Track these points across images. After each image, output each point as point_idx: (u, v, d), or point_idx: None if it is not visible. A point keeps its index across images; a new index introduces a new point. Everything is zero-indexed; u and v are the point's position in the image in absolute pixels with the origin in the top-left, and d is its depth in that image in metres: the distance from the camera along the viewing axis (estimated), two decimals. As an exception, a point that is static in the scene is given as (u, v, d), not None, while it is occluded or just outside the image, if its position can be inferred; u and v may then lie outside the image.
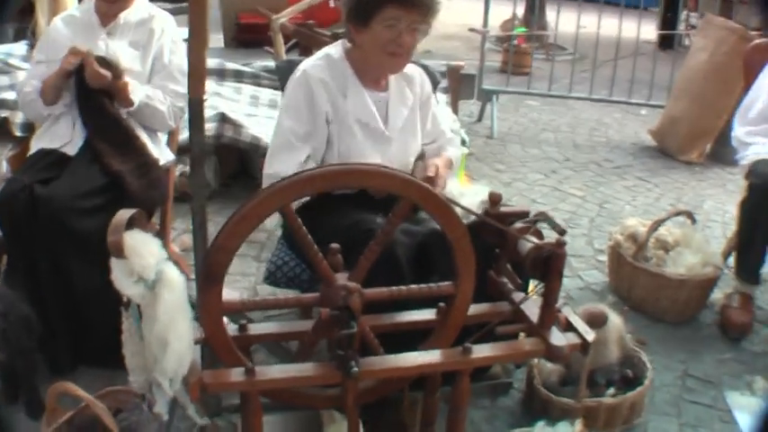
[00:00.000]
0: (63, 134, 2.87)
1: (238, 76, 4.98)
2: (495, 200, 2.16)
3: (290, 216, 1.69)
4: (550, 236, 2.01)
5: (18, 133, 3.75)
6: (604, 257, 3.81)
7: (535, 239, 2.03)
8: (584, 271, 3.86)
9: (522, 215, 2.16)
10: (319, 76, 2.50)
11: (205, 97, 4.31)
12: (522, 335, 2.09)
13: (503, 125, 6.43)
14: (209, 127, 4.29)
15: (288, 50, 4.92)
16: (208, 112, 4.25)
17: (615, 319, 2.71)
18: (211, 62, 5.03)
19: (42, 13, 4.04)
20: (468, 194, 2.60)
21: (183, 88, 2.97)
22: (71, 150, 2.82)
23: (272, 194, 1.65)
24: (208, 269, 1.69)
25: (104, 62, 2.76)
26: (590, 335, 2.01)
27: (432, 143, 2.76)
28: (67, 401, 2.27)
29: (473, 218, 2.07)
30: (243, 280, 3.53)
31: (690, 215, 3.54)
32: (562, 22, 6.85)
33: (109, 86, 2.79)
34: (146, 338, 1.76)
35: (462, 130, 4.78)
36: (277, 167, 2.43)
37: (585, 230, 4.37)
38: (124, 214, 1.69)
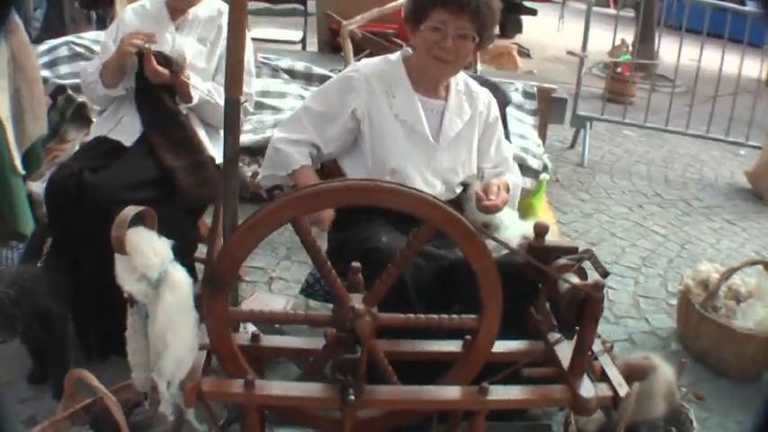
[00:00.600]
0: (123, 124, 2.87)
1: (323, 81, 4.96)
2: (540, 232, 2.04)
3: (303, 229, 1.61)
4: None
5: (95, 118, 3.80)
6: (676, 302, 3.60)
7: (576, 279, 1.89)
8: (653, 314, 3.66)
9: (568, 251, 2.04)
10: (366, 73, 2.49)
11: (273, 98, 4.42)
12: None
13: (595, 153, 6.25)
14: (286, 129, 4.28)
15: (362, 58, 4.86)
16: (286, 114, 4.26)
17: (667, 371, 2.52)
18: (299, 65, 5.05)
19: (120, 4, 4.11)
20: (514, 227, 2.50)
21: (247, 87, 2.93)
22: (127, 141, 2.82)
23: (285, 205, 1.59)
24: (213, 275, 1.63)
25: (164, 58, 2.74)
26: (623, 388, 1.87)
27: (492, 168, 2.66)
28: (90, 388, 2.26)
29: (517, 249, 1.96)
30: (296, 287, 3.46)
31: (766, 265, 3.30)
32: (673, 53, 6.56)
33: (169, 81, 2.77)
34: (149, 337, 1.71)
35: (546, 155, 4.63)
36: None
37: (662, 271, 4.16)
38: (130, 210, 1.64)
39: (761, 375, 3.19)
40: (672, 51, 6.59)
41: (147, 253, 1.65)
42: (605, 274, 1.88)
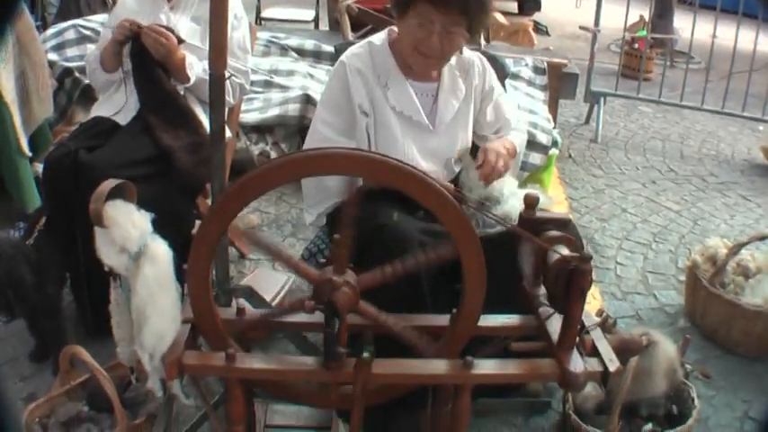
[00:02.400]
0: (117, 103, 2.89)
1: (334, 59, 4.93)
2: (530, 203, 2.00)
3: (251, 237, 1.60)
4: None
5: (101, 99, 3.82)
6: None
7: (566, 251, 1.86)
8: (661, 290, 3.62)
9: (561, 223, 2.00)
10: (357, 66, 2.38)
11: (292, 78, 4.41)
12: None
13: (611, 129, 6.16)
14: (294, 107, 4.30)
15: (365, 34, 4.82)
16: (294, 93, 4.28)
17: (668, 348, 2.50)
18: (308, 44, 5.04)
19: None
20: (514, 198, 2.47)
21: (242, 64, 2.96)
22: (122, 120, 2.84)
23: (271, 170, 1.57)
24: (196, 246, 1.62)
25: (166, 29, 2.75)
26: (614, 364, 1.82)
27: (495, 133, 2.60)
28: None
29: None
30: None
31: (776, 240, 3.24)
32: (695, 30, 6.33)
33: (167, 59, 2.77)
34: (131, 311, 1.71)
35: (556, 130, 4.57)
36: None
37: (673, 247, 4.10)
38: (108, 183, 1.64)
39: (770, 353, 3.13)
40: (690, 28, 6.44)
41: (125, 226, 1.65)
42: (580, 248, 1.83)
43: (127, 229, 1.64)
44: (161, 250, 1.69)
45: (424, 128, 2.43)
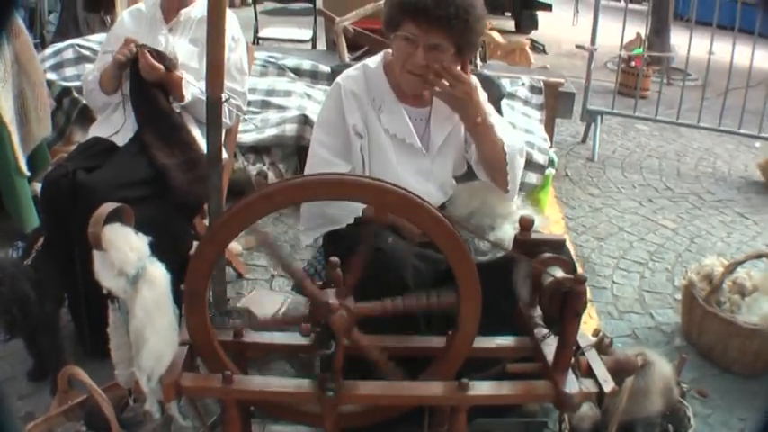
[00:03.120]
0: (115, 124, 2.91)
1: (331, 80, 4.95)
2: (525, 226, 2.02)
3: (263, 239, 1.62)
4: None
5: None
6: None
7: (561, 272, 1.87)
8: (658, 309, 3.63)
9: (555, 244, 2.01)
10: (351, 89, 2.40)
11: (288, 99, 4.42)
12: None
13: (607, 148, 6.20)
14: (291, 128, 4.32)
15: (362, 56, 4.86)
16: (291, 113, 4.30)
17: (664, 367, 2.50)
18: (305, 64, 5.07)
19: (121, 6, 4.16)
20: (513, 219, 2.49)
21: (240, 86, 2.98)
22: (120, 141, 2.87)
23: (264, 197, 1.59)
24: (193, 268, 1.63)
25: (159, 55, 2.78)
26: (609, 384, 1.83)
27: None
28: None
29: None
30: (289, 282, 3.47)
31: (772, 258, 3.26)
32: (692, 47, 6.35)
33: (162, 80, 2.80)
34: (129, 333, 1.73)
35: (552, 150, 4.60)
36: None
37: (669, 266, 4.12)
38: (106, 207, 1.66)
39: (766, 371, 3.12)
40: (687, 44, 6.48)
41: (123, 249, 1.66)
42: (573, 270, 1.84)
43: (125, 253, 1.65)
44: (159, 273, 1.71)
45: (417, 151, 2.44)
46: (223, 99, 1.87)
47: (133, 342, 1.71)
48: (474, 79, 2.40)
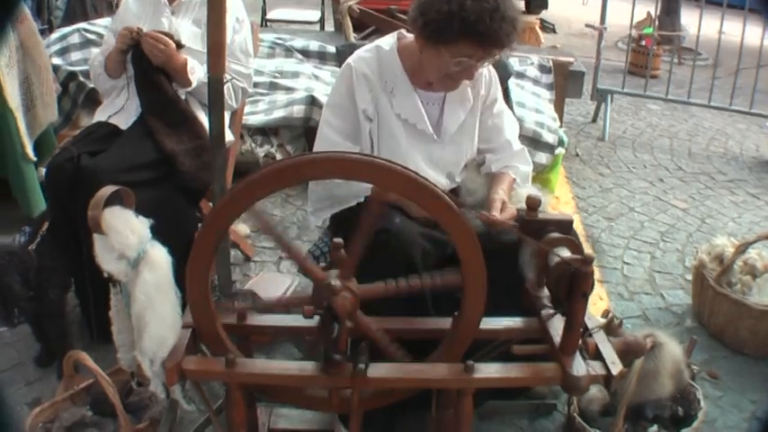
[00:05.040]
0: (118, 109, 2.90)
1: (338, 61, 4.92)
2: (532, 206, 1.99)
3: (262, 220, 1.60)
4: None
5: (106, 103, 3.83)
6: (691, 277, 3.53)
7: (568, 253, 1.85)
8: (669, 290, 3.60)
9: (562, 224, 1.99)
10: (363, 71, 2.34)
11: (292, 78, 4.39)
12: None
13: (618, 128, 6.14)
14: (299, 109, 4.29)
15: (369, 35, 4.83)
16: (299, 94, 4.28)
17: (674, 350, 2.48)
18: (313, 45, 5.04)
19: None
20: (520, 199, 2.46)
21: (245, 68, 2.95)
22: (124, 125, 2.85)
23: (269, 175, 1.57)
24: (195, 253, 1.62)
25: (165, 35, 2.75)
26: (617, 367, 1.81)
27: (491, 152, 2.56)
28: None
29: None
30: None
31: (784, 238, 3.21)
32: (703, 26, 6.25)
33: (167, 65, 2.78)
34: (131, 316, 1.72)
35: (562, 129, 4.56)
36: None
37: (680, 246, 4.08)
38: (106, 190, 1.64)
39: (780, 352, 3.10)
40: (697, 24, 6.40)
41: (124, 232, 1.65)
42: (580, 251, 1.82)
43: (125, 236, 1.64)
44: (160, 256, 1.69)
45: (428, 137, 2.40)
46: (226, 79, 1.84)
47: (135, 326, 1.70)
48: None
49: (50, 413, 2.29)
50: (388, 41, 2.44)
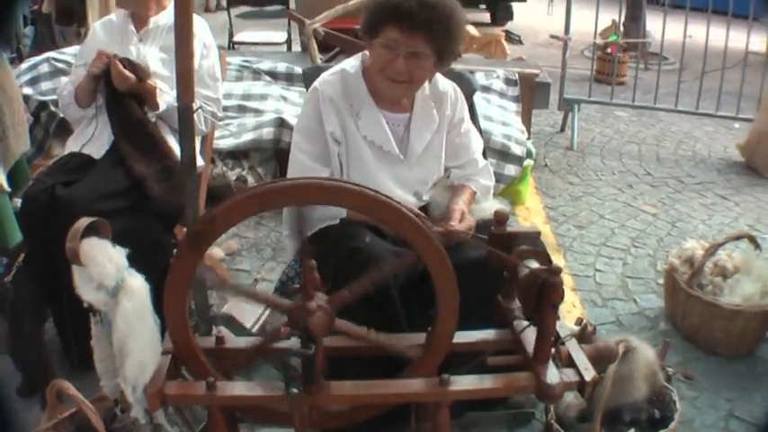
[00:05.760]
0: (92, 138, 2.92)
1: (305, 83, 4.96)
2: (500, 219, 2.04)
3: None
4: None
5: (77, 132, 3.85)
6: (663, 281, 3.59)
7: (536, 264, 1.89)
8: (641, 294, 3.66)
9: (531, 237, 2.04)
10: (329, 95, 2.39)
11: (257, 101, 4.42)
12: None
13: (586, 136, 6.22)
14: (268, 131, 4.34)
15: (334, 57, 4.88)
16: (268, 117, 4.31)
17: (647, 353, 2.53)
18: (280, 66, 5.08)
19: (93, 17, 4.16)
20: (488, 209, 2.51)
21: (213, 93, 2.99)
22: (97, 153, 2.88)
23: (249, 198, 1.60)
24: (172, 280, 1.65)
25: (130, 64, 2.79)
26: (590, 373, 1.86)
27: (458, 168, 2.62)
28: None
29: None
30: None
31: (752, 239, 3.28)
32: (668, 30, 6.34)
33: (136, 89, 2.82)
34: (113, 344, 1.74)
35: (530, 141, 4.64)
36: None
37: (651, 251, 4.15)
38: (83, 222, 1.67)
39: (751, 351, 3.17)
40: (666, 29, 6.51)
41: (102, 262, 1.67)
42: (548, 262, 1.87)
43: (103, 265, 1.66)
44: (138, 284, 1.72)
45: (395, 158, 2.45)
46: (195, 107, 1.88)
47: (117, 353, 1.73)
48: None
49: (35, 443, 2.30)
50: (352, 64, 2.49)
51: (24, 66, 4.43)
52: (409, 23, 2.22)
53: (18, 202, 3.48)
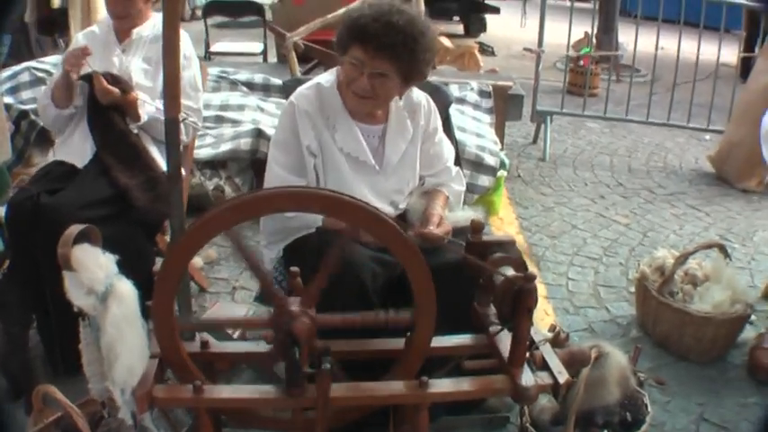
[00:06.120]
0: (74, 147, 2.97)
1: (283, 93, 5.01)
2: (476, 228, 2.12)
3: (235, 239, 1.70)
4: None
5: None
6: (634, 289, 3.67)
7: (512, 272, 1.96)
8: (613, 302, 3.74)
9: (506, 244, 2.11)
10: (305, 108, 2.45)
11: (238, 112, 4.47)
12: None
13: (558, 147, 6.32)
14: (246, 142, 4.38)
15: (311, 69, 4.95)
16: (245, 127, 4.36)
17: (618, 358, 2.60)
18: (257, 77, 5.13)
19: (75, 28, 4.20)
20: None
21: (194, 103, 3.04)
22: (80, 162, 2.92)
23: (227, 210, 1.66)
24: (159, 287, 1.70)
25: (113, 78, 2.84)
26: (563, 376, 1.93)
27: (432, 177, 2.69)
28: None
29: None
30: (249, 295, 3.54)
31: (722, 248, 3.38)
32: (640, 42, 6.49)
33: (118, 102, 2.86)
34: (101, 348, 1.79)
35: (503, 152, 4.72)
36: None
37: (623, 260, 4.23)
38: (74, 229, 1.72)
39: (722, 357, 3.25)
40: (639, 41, 6.60)
41: (92, 268, 1.73)
42: (524, 269, 1.94)
43: (94, 271, 1.72)
44: (126, 289, 1.77)
45: (370, 168, 2.51)
46: (181, 118, 1.93)
47: (105, 357, 1.77)
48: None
49: (20, 447, 2.33)
50: (327, 78, 2.55)
51: (5, 74, 4.44)
52: (374, 45, 2.28)
53: (0, 210, 3.52)
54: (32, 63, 4.61)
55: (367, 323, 1.82)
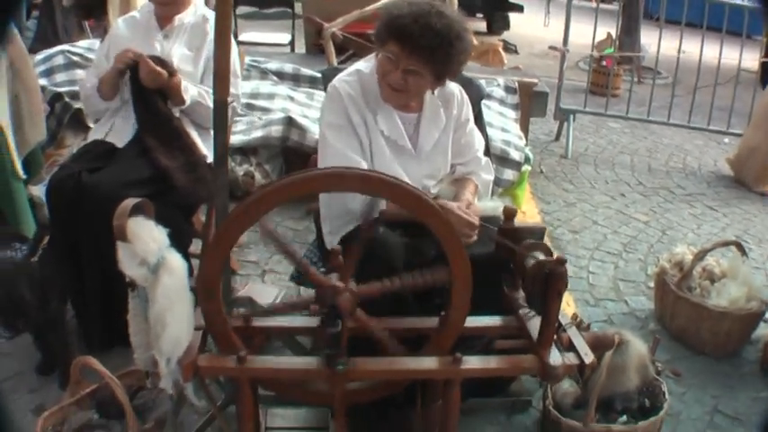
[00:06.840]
0: (116, 127, 3.04)
1: (313, 82, 5.12)
2: (509, 214, 2.19)
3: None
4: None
5: (92, 124, 3.94)
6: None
7: (542, 256, 2.04)
8: (632, 296, 3.81)
9: (537, 232, 2.19)
10: (348, 92, 2.50)
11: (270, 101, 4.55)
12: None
13: (580, 145, 6.38)
14: (277, 129, 4.45)
15: (347, 59, 5.02)
16: (276, 115, 4.43)
17: (639, 346, 2.67)
18: (287, 67, 5.20)
19: (114, 13, 4.26)
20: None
21: (234, 89, 3.09)
22: (120, 142, 2.99)
23: (269, 194, 1.74)
24: (208, 264, 1.78)
25: (159, 60, 2.91)
26: (589, 357, 2.01)
27: (463, 165, 2.75)
28: (95, 376, 2.41)
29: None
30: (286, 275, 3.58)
31: (739, 246, 3.45)
32: (662, 45, 6.54)
33: (163, 85, 2.93)
34: (149, 319, 1.86)
35: (528, 147, 4.78)
36: None
37: (642, 256, 4.31)
38: (130, 202, 1.80)
39: (737, 353, 3.32)
40: (657, 43, 6.67)
41: (146, 240, 1.80)
42: (549, 253, 2.02)
43: (147, 243, 1.79)
44: (177, 262, 1.85)
45: (408, 152, 2.57)
46: (229, 102, 2.01)
47: (153, 327, 1.85)
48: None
49: (59, 417, 2.40)
50: (366, 65, 2.61)
51: (39, 57, 4.52)
52: (410, 45, 2.34)
53: (33, 189, 3.61)
54: (67, 47, 4.69)
55: (406, 286, 1.89)
